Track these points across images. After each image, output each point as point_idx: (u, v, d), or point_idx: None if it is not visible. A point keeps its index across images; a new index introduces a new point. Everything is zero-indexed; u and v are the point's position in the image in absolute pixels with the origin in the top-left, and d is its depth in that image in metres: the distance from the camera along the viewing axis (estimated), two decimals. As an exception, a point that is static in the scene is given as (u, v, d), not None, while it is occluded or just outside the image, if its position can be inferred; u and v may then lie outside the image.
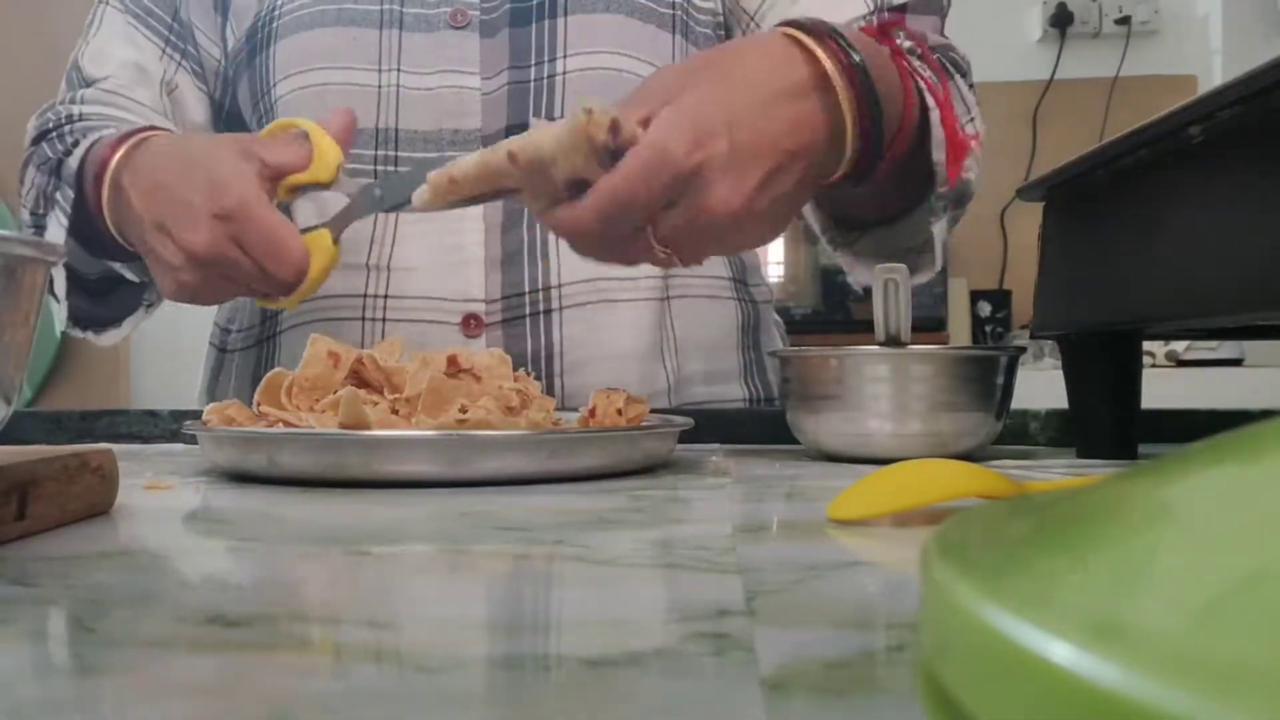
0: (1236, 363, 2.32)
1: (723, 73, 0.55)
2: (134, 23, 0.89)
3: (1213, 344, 2.28)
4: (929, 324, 2.53)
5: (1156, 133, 0.52)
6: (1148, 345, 2.04)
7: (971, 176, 0.71)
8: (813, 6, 0.76)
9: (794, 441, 0.69)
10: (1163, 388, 1.01)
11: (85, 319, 0.85)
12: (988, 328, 2.73)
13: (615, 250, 0.55)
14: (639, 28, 0.83)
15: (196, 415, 0.63)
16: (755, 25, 0.84)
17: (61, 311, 0.82)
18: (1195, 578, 0.11)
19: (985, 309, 2.74)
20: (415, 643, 0.25)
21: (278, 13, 0.84)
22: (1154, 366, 2.28)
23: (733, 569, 0.31)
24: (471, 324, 0.80)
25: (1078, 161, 0.60)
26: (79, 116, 0.83)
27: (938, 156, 0.65)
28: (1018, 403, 0.69)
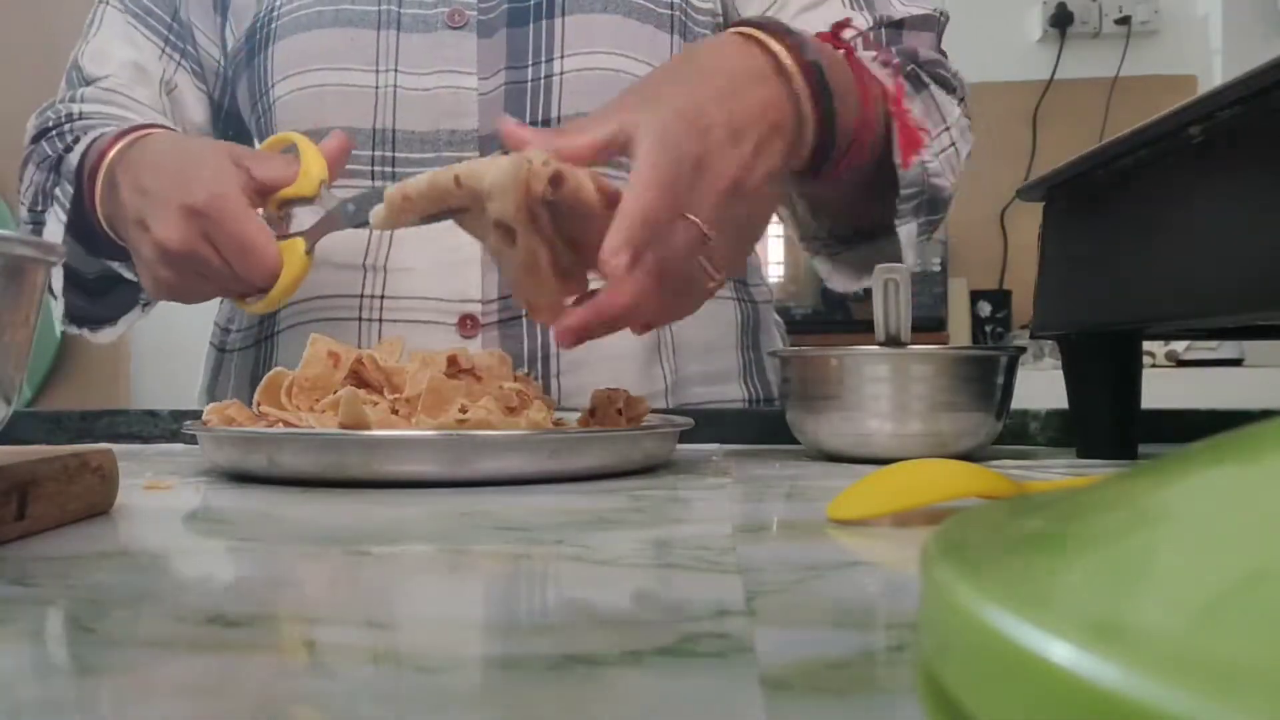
0: (1236, 363, 2.32)
1: (684, 74, 0.57)
2: (134, 22, 0.90)
3: (1213, 344, 2.28)
4: (929, 324, 2.53)
5: (1156, 133, 0.52)
6: (1148, 345, 2.04)
7: (943, 182, 0.74)
8: (811, 24, 0.77)
9: (794, 441, 0.69)
10: (1163, 388, 1.01)
11: (82, 316, 0.86)
12: (988, 328, 2.73)
13: (673, 284, 0.54)
14: (637, 28, 0.83)
15: (196, 415, 0.63)
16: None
17: (58, 308, 0.82)
18: (1195, 578, 0.11)
19: (985, 309, 2.74)
20: (415, 643, 0.25)
21: (276, 13, 0.84)
22: (1154, 366, 2.28)
23: (733, 569, 0.31)
24: (468, 324, 0.80)
25: (1078, 161, 0.60)
26: (79, 115, 0.83)
27: (896, 159, 0.67)
28: (1018, 403, 0.69)
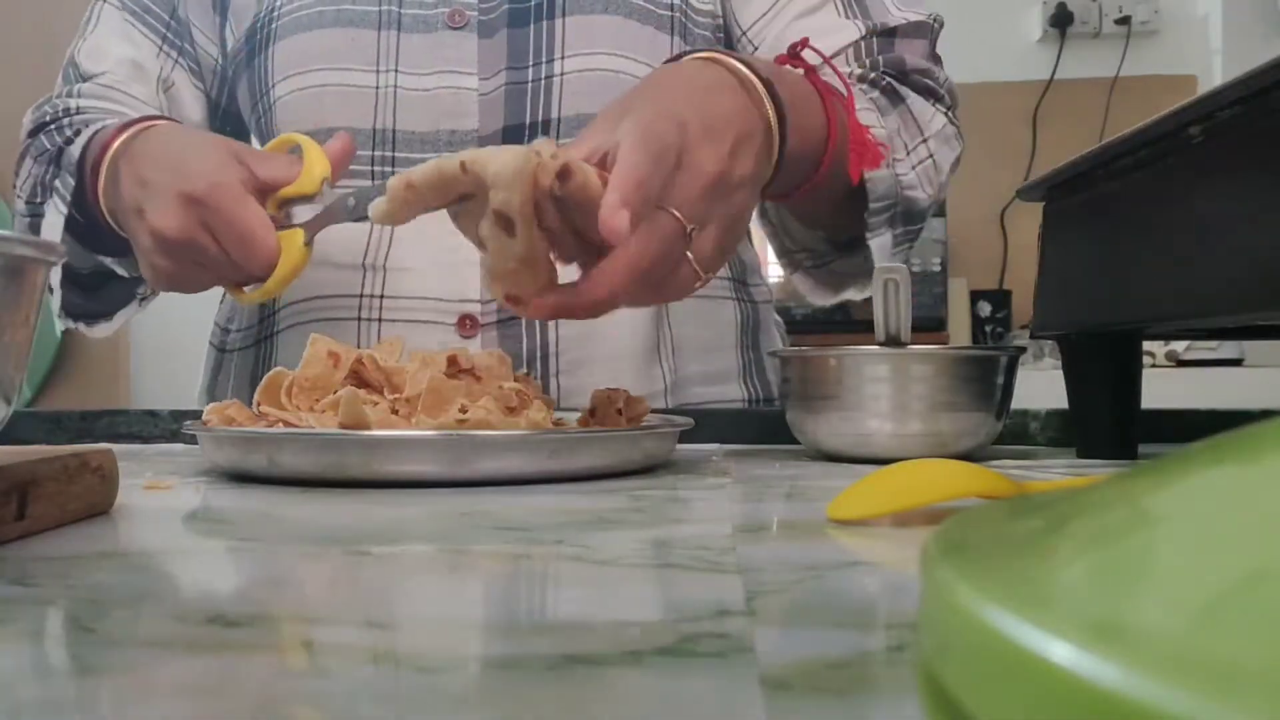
0: (1236, 363, 2.32)
1: (657, 87, 0.59)
2: (131, 20, 0.90)
3: (1213, 344, 2.28)
4: (929, 324, 2.53)
5: (1156, 133, 0.52)
6: (1148, 345, 2.04)
7: (919, 194, 0.76)
8: (806, 33, 0.79)
9: (794, 441, 0.69)
10: (1163, 388, 1.01)
11: (77, 311, 0.86)
12: (988, 328, 2.73)
13: (647, 277, 0.54)
14: (637, 29, 0.83)
15: (196, 415, 0.63)
16: (749, 42, 0.85)
17: (54, 302, 0.82)
18: (1195, 578, 0.11)
19: (985, 309, 2.74)
20: (414, 643, 0.25)
21: (276, 14, 0.84)
22: (1154, 366, 2.28)
23: (733, 569, 0.31)
24: (467, 324, 0.80)
25: (1078, 161, 0.60)
26: (76, 110, 0.83)
27: (845, 171, 0.69)
28: (1018, 403, 0.69)
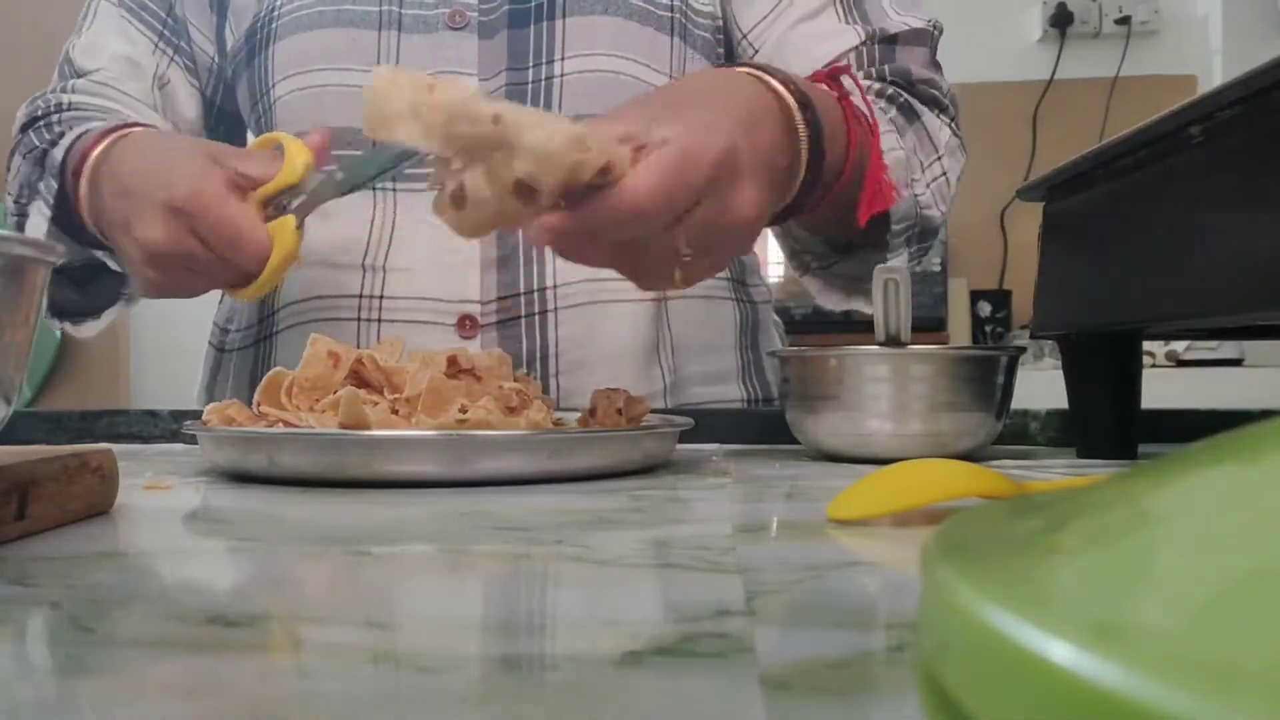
0: (1236, 363, 2.32)
1: (707, 97, 0.57)
2: (127, 17, 0.90)
3: (1213, 344, 2.28)
4: (929, 324, 2.53)
5: (1156, 133, 0.52)
6: (1148, 345, 2.04)
7: (934, 213, 0.77)
8: (807, 37, 0.79)
9: (794, 441, 0.69)
10: (1163, 388, 1.01)
11: (65, 309, 0.86)
12: (988, 328, 2.73)
13: (625, 257, 0.54)
14: (637, 30, 0.83)
15: (196, 415, 0.63)
16: (749, 45, 0.85)
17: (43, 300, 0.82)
18: (1195, 578, 0.11)
19: (985, 309, 2.74)
20: (414, 643, 0.25)
21: (276, 13, 0.84)
22: (1154, 366, 2.28)
23: (733, 569, 0.31)
24: (467, 325, 0.80)
25: (1078, 161, 0.60)
26: (68, 105, 0.83)
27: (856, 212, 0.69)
28: (1018, 403, 0.69)
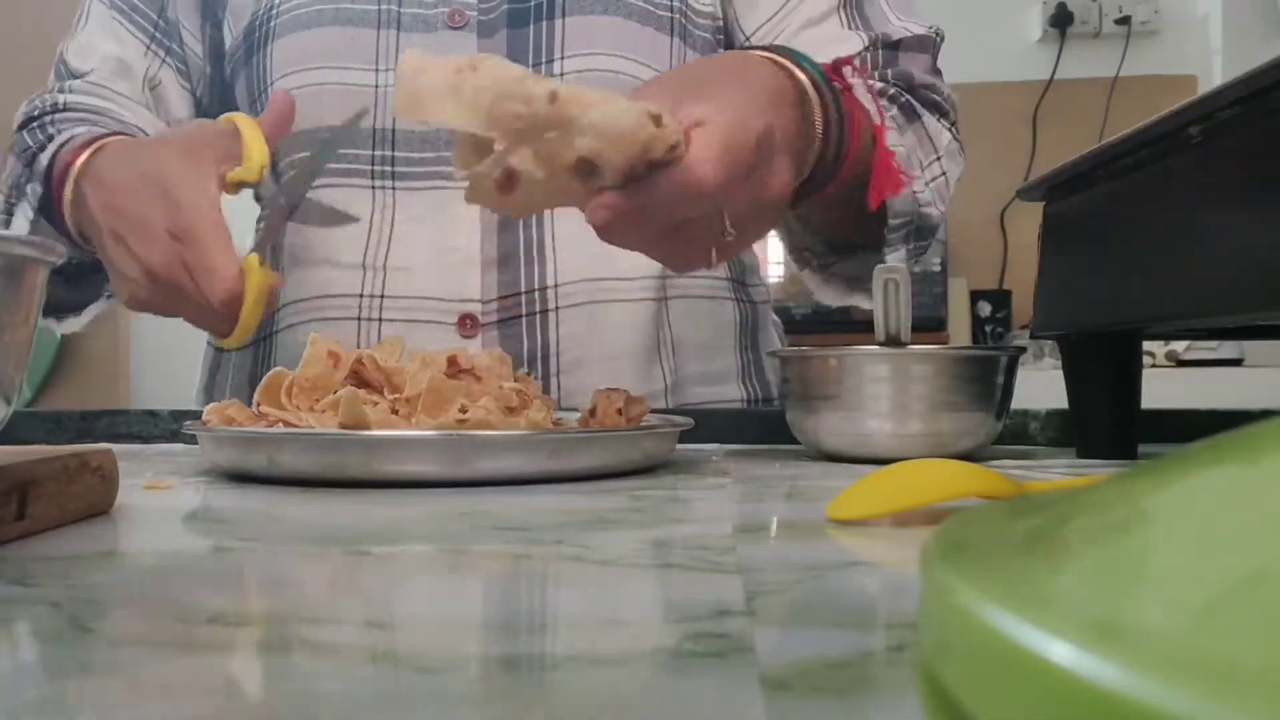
0: (1236, 363, 2.32)
1: (729, 77, 0.58)
2: (119, 18, 0.90)
3: (1213, 344, 2.28)
4: (929, 324, 2.53)
5: (1156, 133, 0.52)
6: (1148, 345, 2.04)
7: (932, 210, 0.77)
8: (811, 42, 0.80)
9: (794, 441, 0.69)
10: (1163, 388, 1.01)
11: (50, 305, 0.86)
12: (988, 328, 2.73)
13: (672, 238, 0.54)
14: (637, 30, 0.83)
15: (196, 415, 0.63)
16: (751, 47, 0.85)
17: None
18: (1195, 578, 0.11)
19: (985, 309, 2.74)
20: (415, 643, 0.25)
21: (275, 11, 0.85)
22: (1154, 366, 2.27)
23: (733, 569, 0.31)
24: (467, 324, 0.80)
25: (1078, 161, 0.60)
26: (63, 106, 0.84)
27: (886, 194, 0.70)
28: (1018, 403, 0.69)
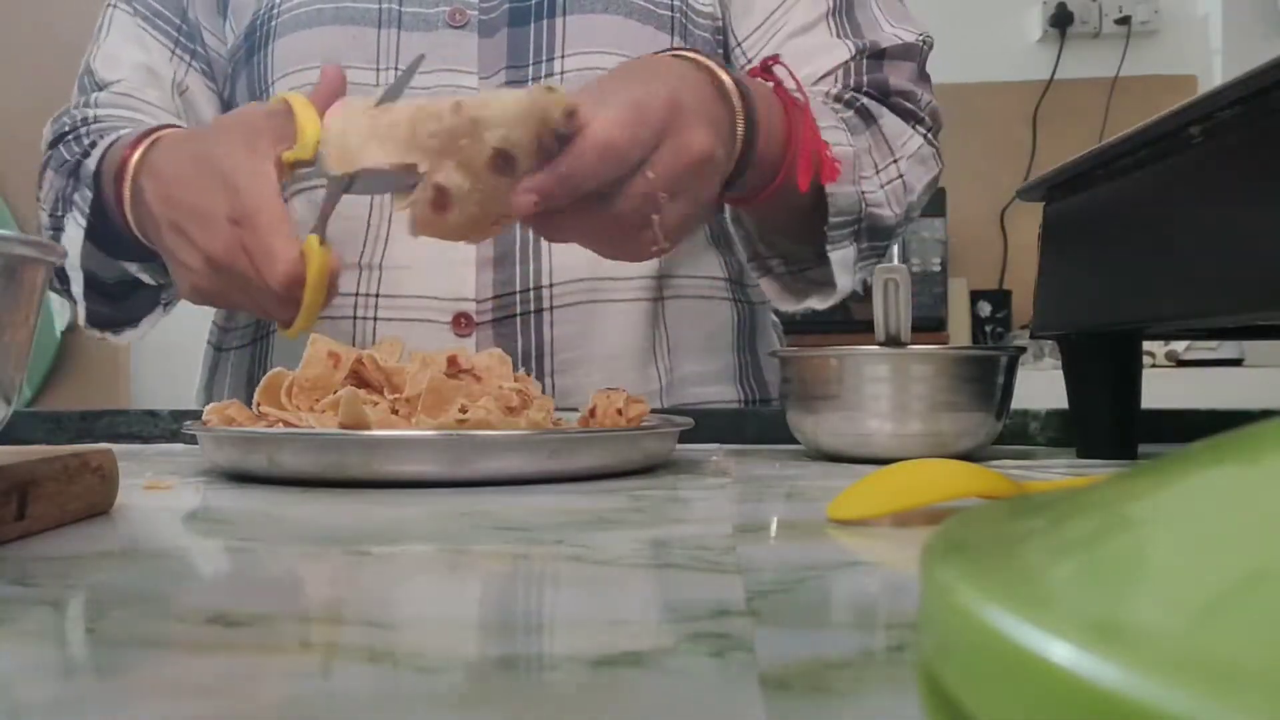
0: (1236, 363, 2.32)
1: (649, 72, 0.61)
2: (143, 25, 0.90)
3: (1213, 344, 2.27)
4: (929, 324, 2.53)
5: (1156, 133, 0.52)
6: (1148, 345, 2.04)
7: (885, 212, 0.78)
8: (800, 51, 0.81)
9: (794, 441, 0.69)
10: (1163, 388, 1.01)
11: (103, 321, 0.85)
12: (988, 328, 2.73)
13: (604, 222, 0.57)
14: (638, 29, 0.83)
15: (196, 415, 0.63)
16: (743, 53, 0.86)
17: (80, 312, 0.82)
18: (1195, 578, 0.11)
19: (985, 309, 2.74)
20: (414, 643, 0.25)
21: (276, 11, 0.85)
22: (1154, 366, 2.27)
23: (733, 569, 0.31)
24: (462, 323, 0.80)
25: (1078, 161, 0.60)
26: (94, 119, 0.84)
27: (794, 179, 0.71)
28: (1018, 403, 0.69)
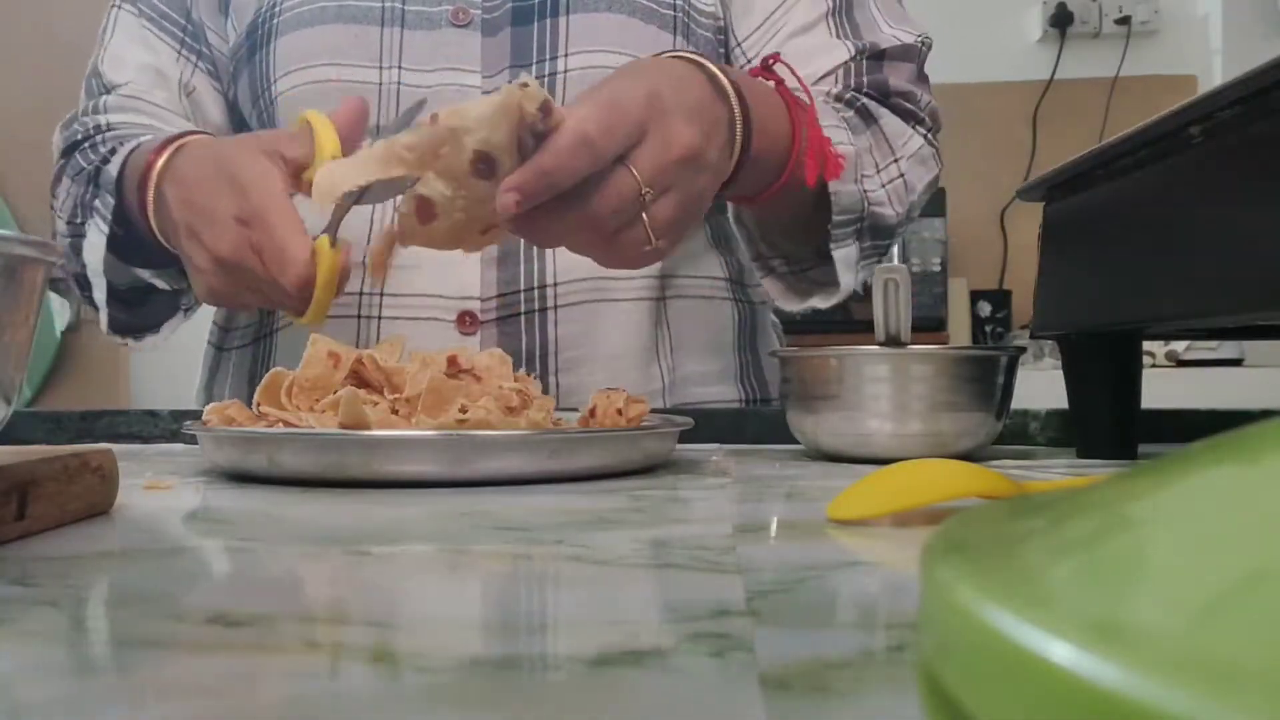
0: (1236, 363, 2.32)
1: (634, 71, 0.61)
2: (148, 26, 0.90)
3: (1213, 344, 2.27)
4: (929, 324, 2.53)
5: (1156, 133, 0.52)
6: (1148, 345, 2.04)
7: (887, 211, 0.78)
8: (800, 51, 0.81)
9: (794, 441, 0.69)
10: (1163, 388, 1.01)
11: (123, 327, 0.86)
12: (988, 328, 2.73)
13: (591, 222, 0.56)
14: (640, 28, 0.83)
15: (196, 415, 0.63)
16: (743, 53, 0.86)
17: (102, 319, 0.83)
18: (1195, 578, 0.11)
19: (985, 309, 2.74)
20: (414, 643, 0.25)
21: (278, 9, 0.84)
22: (1154, 366, 2.27)
23: (733, 569, 0.31)
24: (467, 321, 0.80)
25: (1078, 161, 0.60)
26: (107, 126, 0.84)
27: (801, 174, 0.71)
28: (1018, 403, 0.69)
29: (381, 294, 0.80)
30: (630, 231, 0.58)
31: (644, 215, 0.57)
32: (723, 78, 0.63)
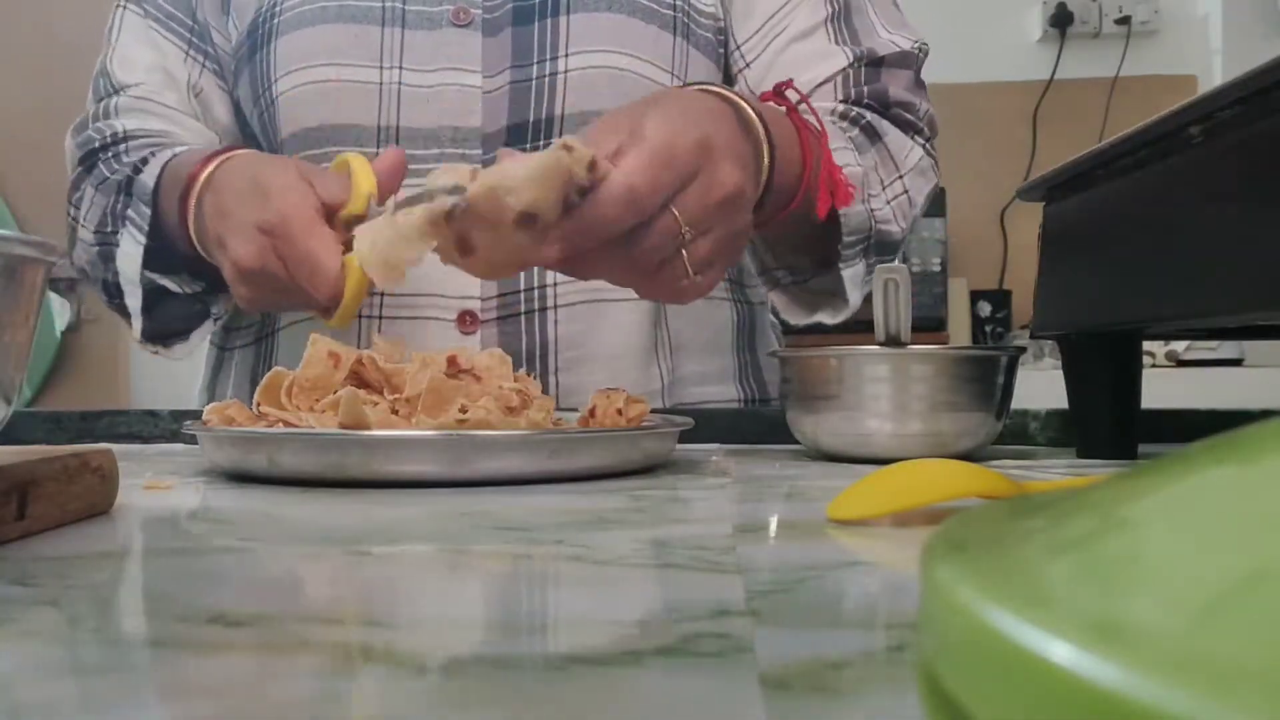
0: (1236, 363, 2.32)
1: (671, 103, 0.60)
2: (155, 26, 0.90)
3: (1213, 344, 2.27)
4: (929, 324, 2.52)
5: (1156, 133, 0.52)
6: (1148, 345, 2.04)
7: (892, 228, 0.79)
8: (798, 58, 0.81)
9: (794, 441, 0.69)
10: (1163, 388, 1.01)
11: (153, 334, 0.85)
12: (988, 328, 2.73)
13: (631, 259, 0.56)
14: (641, 28, 0.83)
15: (196, 415, 0.63)
16: (742, 57, 0.86)
17: (135, 327, 0.83)
18: (1195, 578, 0.11)
19: (985, 309, 2.74)
20: (415, 643, 0.25)
21: (279, 8, 0.84)
22: (1154, 366, 2.27)
23: (733, 569, 0.31)
24: (467, 320, 0.80)
25: (1078, 161, 0.60)
26: (124, 133, 0.84)
27: (813, 209, 0.71)
28: (1018, 403, 0.69)
29: (382, 294, 0.81)
30: (670, 268, 0.57)
31: (683, 252, 0.57)
32: (753, 115, 0.63)
